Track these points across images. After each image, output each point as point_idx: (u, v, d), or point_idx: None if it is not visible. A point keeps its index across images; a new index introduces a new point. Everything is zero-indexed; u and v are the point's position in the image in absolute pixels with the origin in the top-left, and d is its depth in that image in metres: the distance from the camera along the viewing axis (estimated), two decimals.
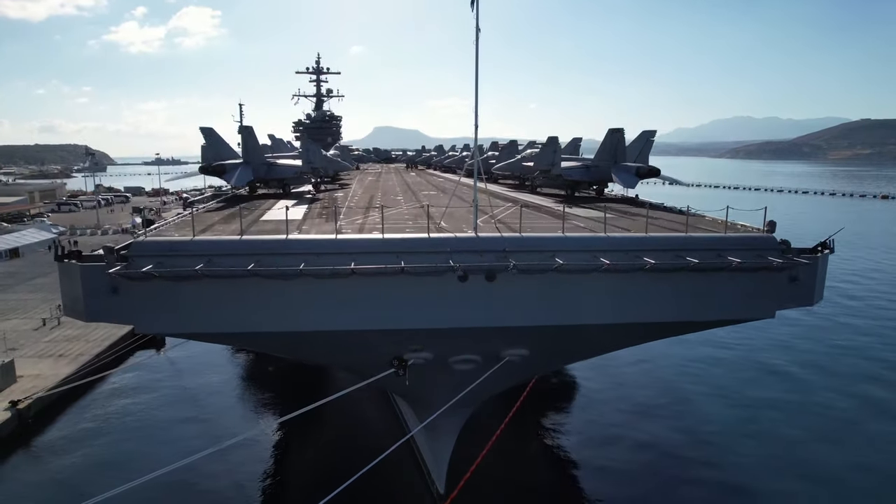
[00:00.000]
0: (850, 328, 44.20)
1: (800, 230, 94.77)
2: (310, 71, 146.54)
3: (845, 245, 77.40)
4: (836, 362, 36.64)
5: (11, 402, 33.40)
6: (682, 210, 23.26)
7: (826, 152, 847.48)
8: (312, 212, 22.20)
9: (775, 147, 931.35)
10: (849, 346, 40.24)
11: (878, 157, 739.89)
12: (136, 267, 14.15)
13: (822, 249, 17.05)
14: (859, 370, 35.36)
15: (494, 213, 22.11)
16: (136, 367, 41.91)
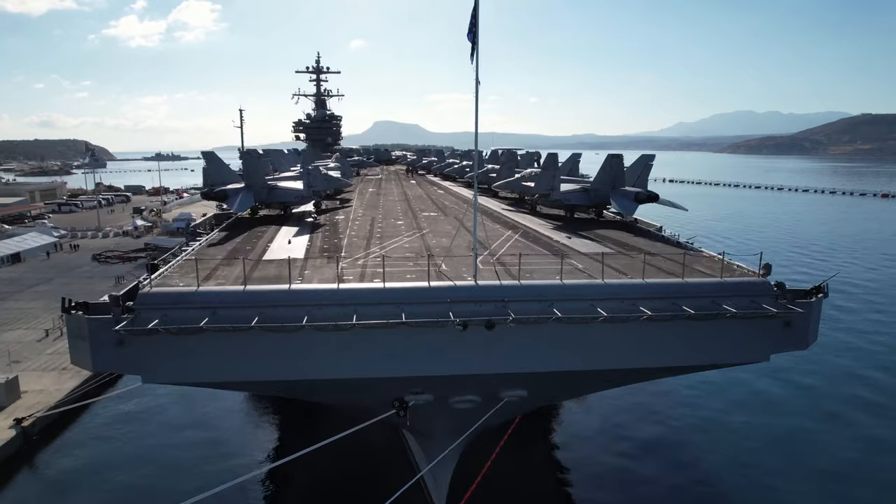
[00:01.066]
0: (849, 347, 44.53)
1: (800, 234, 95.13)
2: (310, 70, 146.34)
3: (844, 251, 77.77)
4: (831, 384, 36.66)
5: (16, 419, 33.70)
6: (680, 242, 23.47)
7: (827, 147, 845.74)
8: (314, 246, 22.41)
9: (776, 142, 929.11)
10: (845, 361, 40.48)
11: (879, 153, 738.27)
12: (143, 319, 14.42)
13: (817, 294, 17.32)
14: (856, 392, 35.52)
15: (494, 247, 22.33)
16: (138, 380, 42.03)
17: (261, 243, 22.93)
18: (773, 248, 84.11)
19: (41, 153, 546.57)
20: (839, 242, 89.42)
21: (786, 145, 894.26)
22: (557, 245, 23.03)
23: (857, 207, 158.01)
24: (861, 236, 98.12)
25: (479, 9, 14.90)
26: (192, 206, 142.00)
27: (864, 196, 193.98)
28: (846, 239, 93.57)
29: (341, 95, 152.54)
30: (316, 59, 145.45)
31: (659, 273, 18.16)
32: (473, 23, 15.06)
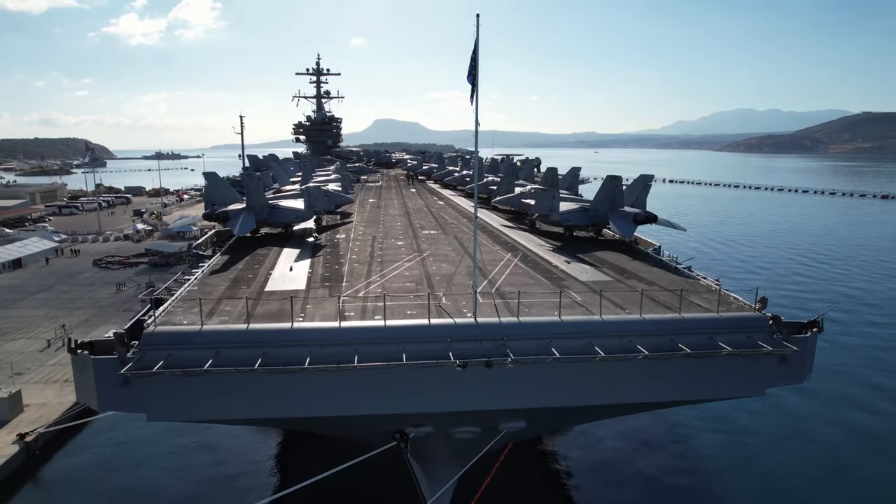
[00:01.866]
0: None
1: (800, 238, 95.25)
2: (310, 72, 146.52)
3: (842, 259, 77.93)
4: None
5: (19, 434, 33.91)
6: (678, 266, 23.68)
7: (827, 146, 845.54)
8: (315, 273, 22.56)
9: (776, 140, 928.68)
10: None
11: (879, 151, 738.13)
12: (148, 359, 14.64)
13: (812, 328, 17.53)
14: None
15: (493, 274, 22.53)
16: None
17: (262, 270, 23.08)
18: (770, 255, 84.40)
19: (41, 152, 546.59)
20: (837, 251, 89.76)
21: (786, 143, 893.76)
22: (556, 272, 23.17)
23: (857, 210, 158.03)
24: (860, 241, 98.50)
25: (478, 51, 15.08)
26: (192, 209, 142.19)
27: (863, 197, 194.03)
28: (845, 247, 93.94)
29: (341, 97, 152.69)
30: (316, 62, 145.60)
31: (656, 307, 18.35)
32: (473, 65, 15.25)
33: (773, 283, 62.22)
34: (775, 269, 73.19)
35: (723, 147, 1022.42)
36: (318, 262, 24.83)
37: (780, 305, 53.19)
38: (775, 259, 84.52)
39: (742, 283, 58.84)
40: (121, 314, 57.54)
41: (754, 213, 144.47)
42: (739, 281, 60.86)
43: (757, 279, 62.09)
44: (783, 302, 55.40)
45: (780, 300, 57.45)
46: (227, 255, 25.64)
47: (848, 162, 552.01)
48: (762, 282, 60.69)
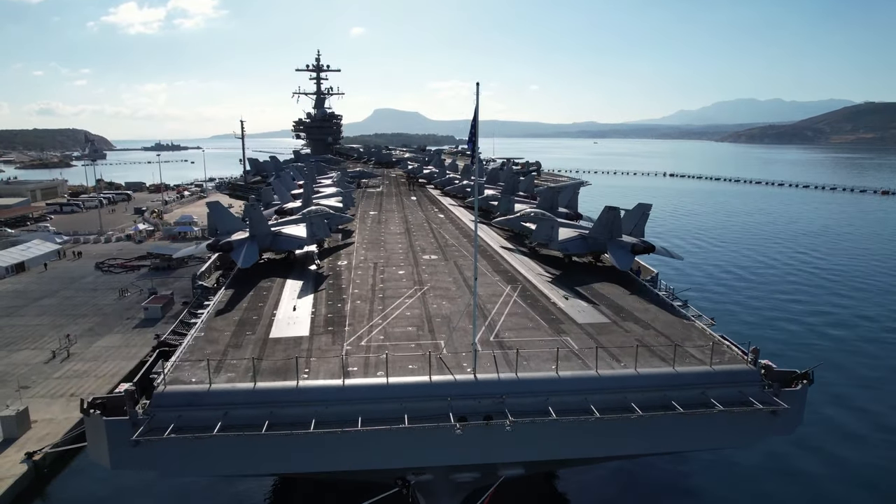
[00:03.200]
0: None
1: (799, 241, 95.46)
2: (310, 68, 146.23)
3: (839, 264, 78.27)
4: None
5: (27, 453, 34.50)
6: (674, 304, 24.12)
7: (829, 136, 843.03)
8: (318, 315, 22.95)
9: (778, 131, 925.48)
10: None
11: (881, 142, 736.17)
12: (158, 420, 15.14)
13: (802, 380, 18.00)
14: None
15: (493, 314, 22.97)
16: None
17: (266, 310, 23.46)
18: (766, 255, 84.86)
19: (40, 143, 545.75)
20: (835, 254, 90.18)
21: (787, 134, 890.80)
22: (554, 312, 23.56)
23: (857, 205, 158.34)
24: (859, 242, 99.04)
25: (478, 119, 15.46)
26: (193, 206, 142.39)
27: (864, 193, 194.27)
28: (842, 250, 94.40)
29: (341, 94, 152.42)
30: (316, 58, 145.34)
31: (651, 358, 18.83)
32: (473, 132, 15.64)
33: (768, 293, 62.72)
34: (772, 278, 73.69)
35: (724, 137, 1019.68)
36: (320, 298, 25.21)
37: (776, 319, 54.04)
38: (773, 249, 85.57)
39: (737, 296, 59.56)
40: (124, 322, 58.08)
41: (753, 211, 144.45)
42: (735, 291, 61.34)
43: (753, 292, 62.72)
44: (779, 315, 56.04)
45: (775, 305, 58.17)
46: (231, 290, 26.03)
47: (849, 154, 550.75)
48: (758, 293, 61.31)
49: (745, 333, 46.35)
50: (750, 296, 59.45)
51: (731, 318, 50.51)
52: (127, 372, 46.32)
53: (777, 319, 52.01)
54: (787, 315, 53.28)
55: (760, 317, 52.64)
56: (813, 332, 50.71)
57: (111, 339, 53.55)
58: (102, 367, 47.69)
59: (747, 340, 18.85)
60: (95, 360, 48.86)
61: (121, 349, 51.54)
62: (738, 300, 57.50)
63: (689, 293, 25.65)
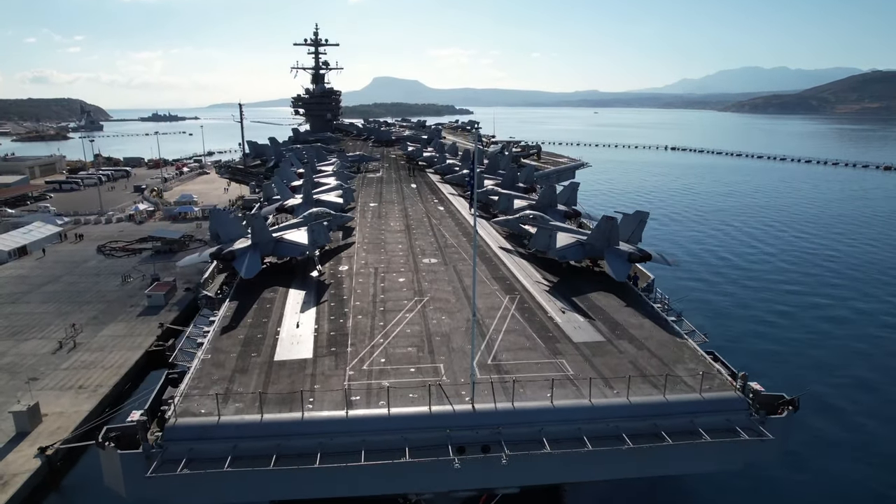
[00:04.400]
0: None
1: (794, 225, 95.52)
2: (308, 42, 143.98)
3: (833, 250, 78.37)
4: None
5: (40, 448, 35.57)
6: (668, 317, 24.73)
7: (834, 106, 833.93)
8: (321, 333, 23.50)
9: (782, 100, 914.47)
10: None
11: (887, 111, 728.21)
12: (170, 453, 15.92)
13: (788, 406, 18.72)
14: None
15: (491, 331, 23.57)
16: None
17: (270, 328, 24.00)
18: (762, 240, 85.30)
19: (36, 113, 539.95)
20: (831, 238, 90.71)
21: (792, 104, 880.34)
22: (551, 328, 24.11)
23: (859, 182, 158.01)
24: (856, 225, 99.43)
25: (476, 157, 15.77)
26: (192, 184, 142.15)
27: (866, 168, 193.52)
28: (838, 234, 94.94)
29: (340, 68, 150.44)
30: (314, 32, 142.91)
31: (643, 384, 19.52)
32: (472, 166, 15.96)
33: (763, 283, 63.27)
34: (766, 265, 74.26)
35: (727, 107, 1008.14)
36: (323, 311, 25.74)
37: (768, 301, 54.55)
38: (767, 252, 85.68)
39: (733, 286, 59.77)
40: (128, 309, 58.87)
41: (756, 185, 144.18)
42: (732, 282, 61.77)
43: (749, 282, 63.20)
44: (771, 297, 56.72)
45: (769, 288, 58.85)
46: (235, 302, 26.58)
47: (854, 125, 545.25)
48: (753, 284, 61.42)
49: (737, 329, 47.29)
50: (745, 286, 59.85)
51: (724, 314, 50.99)
52: (133, 363, 47.33)
53: (769, 312, 52.34)
54: (780, 306, 53.65)
55: (753, 308, 53.00)
56: (805, 324, 51.53)
57: (116, 328, 54.43)
58: (109, 357, 48.65)
59: (738, 366, 19.48)
60: (101, 351, 49.80)
61: (126, 338, 52.45)
62: (731, 292, 57.62)
63: (683, 280, 26.05)
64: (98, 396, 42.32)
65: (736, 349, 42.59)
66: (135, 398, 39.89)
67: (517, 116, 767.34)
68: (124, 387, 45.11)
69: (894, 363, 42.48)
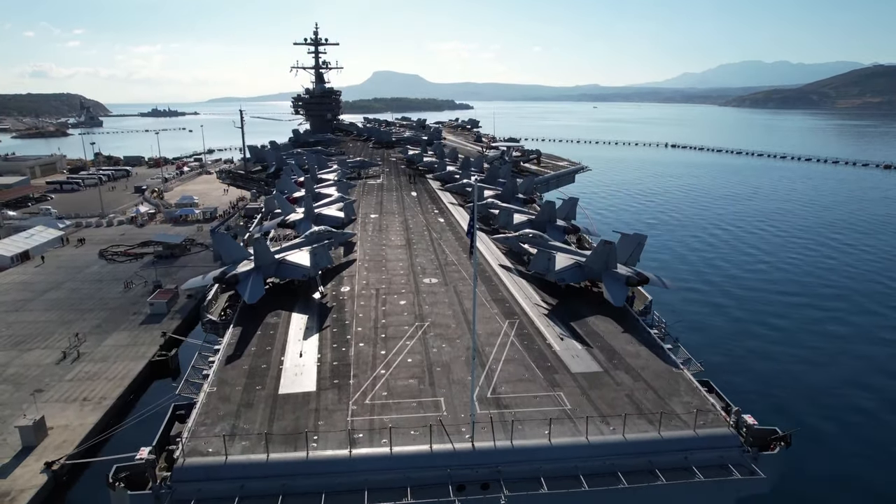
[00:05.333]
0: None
1: (790, 228, 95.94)
2: (308, 42, 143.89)
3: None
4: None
5: (46, 463, 36.13)
6: (665, 347, 25.18)
7: (835, 100, 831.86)
8: (324, 363, 23.93)
9: (783, 95, 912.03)
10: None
11: (888, 106, 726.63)
12: (180, 493, 16.42)
13: (781, 441, 19.18)
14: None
15: (490, 360, 24.01)
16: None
17: (274, 357, 24.39)
18: (757, 247, 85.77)
19: (35, 108, 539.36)
20: (827, 244, 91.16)
21: (793, 98, 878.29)
22: (550, 357, 24.52)
23: (859, 183, 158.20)
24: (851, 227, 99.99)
25: (475, 219, 16.18)
26: (193, 184, 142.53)
27: (866, 167, 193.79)
28: (835, 238, 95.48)
29: (340, 68, 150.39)
30: (314, 31, 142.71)
31: (639, 419, 19.99)
32: (472, 225, 16.37)
33: (759, 292, 63.69)
34: (762, 272, 74.69)
35: (728, 101, 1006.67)
36: (325, 338, 26.13)
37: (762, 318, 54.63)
38: (766, 239, 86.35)
39: (729, 299, 59.76)
40: (130, 317, 59.36)
41: (754, 192, 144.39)
42: (728, 294, 62.08)
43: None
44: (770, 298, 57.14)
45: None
46: (239, 328, 27.00)
47: (855, 121, 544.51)
48: (749, 291, 61.47)
49: (732, 345, 47.37)
50: (741, 297, 59.98)
51: (720, 329, 50.99)
52: (136, 373, 47.83)
53: (765, 325, 52.40)
54: (777, 320, 53.68)
55: (749, 322, 52.81)
56: (800, 332, 51.94)
57: (119, 337, 54.92)
58: (112, 367, 49.16)
59: (732, 388, 19.97)
60: (105, 361, 50.30)
61: (129, 348, 52.94)
62: (727, 304, 57.55)
63: (681, 292, 26.48)
64: (102, 409, 42.88)
65: (731, 366, 43.05)
66: (137, 415, 39.43)
67: (517, 112, 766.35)
68: (128, 398, 45.65)
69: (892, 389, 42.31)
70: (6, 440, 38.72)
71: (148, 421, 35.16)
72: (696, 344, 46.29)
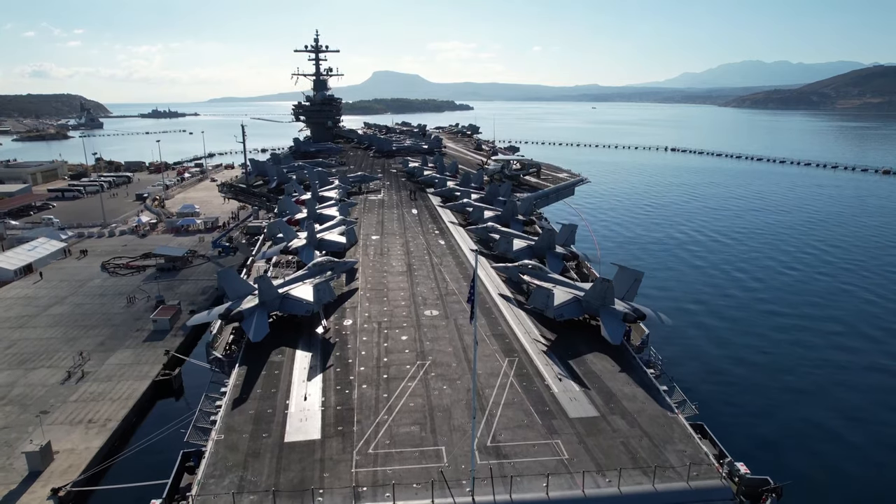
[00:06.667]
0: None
1: (788, 239, 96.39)
2: (308, 49, 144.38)
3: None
4: None
5: (53, 489, 36.74)
6: (661, 390, 25.76)
7: (835, 101, 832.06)
8: (328, 407, 24.48)
9: (783, 96, 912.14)
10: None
11: (888, 107, 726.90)
12: None
13: (772, 493, 19.78)
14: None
15: (490, 406, 24.57)
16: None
17: (279, 401, 24.93)
18: (756, 260, 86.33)
19: (35, 109, 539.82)
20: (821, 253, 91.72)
21: (793, 99, 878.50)
22: (548, 403, 25.06)
23: (857, 189, 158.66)
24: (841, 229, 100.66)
25: (476, 283, 16.70)
26: (194, 191, 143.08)
27: (865, 172, 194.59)
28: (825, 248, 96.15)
29: (340, 75, 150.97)
30: (315, 38, 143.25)
31: (634, 470, 20.59)
32: (472, 292, 16.95)
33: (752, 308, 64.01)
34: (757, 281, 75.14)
35: (728, 102, 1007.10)
36: (329, 379, 26.59)
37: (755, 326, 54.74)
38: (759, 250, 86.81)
39: (726, 322, 59.59)
40: (134, 334, 59.96)
41: (755, 206, 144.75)
42: (723, 317, 62.42)
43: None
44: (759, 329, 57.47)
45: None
46: (244, 367, 27.55)
47: (855, 122, 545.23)
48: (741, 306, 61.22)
49: (727, 378, 46.93)
50: (738, 320, 59.87)
51: (716, 360, 50.51)
52: (140, 394, 48.40)
53: (759, 353, 51.84)
54: (773, 352, 53.21)
55: (745, 352, 52.13)
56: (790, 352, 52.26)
57: (123, 355, 55.50)
58: (117, 388, 49.76)
59: (731, 427, 20.52)
60: (109, 381, 50.90)
61: (133, 367, 53.53)
62: (724, 330, 57.09)
63: (677, 312, 27.04)
64: (107, 431, 43.49)
65: (726, 396, 43.19)
66: (141, 442, 39.07)
67: (517, 113, 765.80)
68: (132, 420, 46.27)
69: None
70: (13, 465, 39.32)
71: (151, 450, 35.25)
72: (691, 371, 46.81)
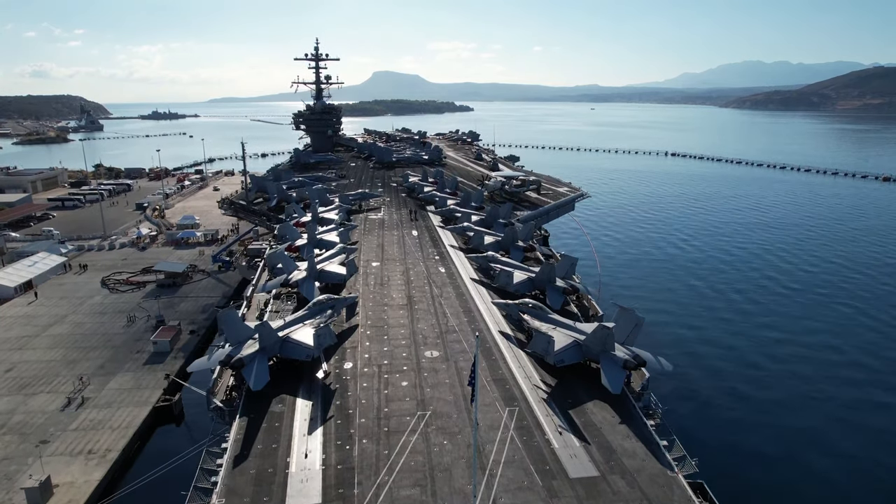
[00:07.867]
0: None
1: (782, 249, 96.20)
2: (308, 57, 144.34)
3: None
4: None
5: None
6: (661, 446, 25.81)
7: (835, 102, 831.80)
8: (329, 468, 24.26)
9: (783, 97, 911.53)
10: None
11: (889, 108, 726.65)
12: None
13: None
14: None
15: (490, 464, 24.57)
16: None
17: (280, 458, 24.93)
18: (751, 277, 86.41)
19: (35, 110, 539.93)
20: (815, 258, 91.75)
21: (793, 100, 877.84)
22: (549, 461, 25.03)
23: (859, 200, 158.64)
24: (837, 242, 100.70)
25: (477, 364, 16.71)
26: (194, 200, 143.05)
27: (865, 178, 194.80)
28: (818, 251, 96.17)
29: (340, 83, 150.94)
30: (315, 46, 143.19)
31: None
32: (473, 375, 16.95)
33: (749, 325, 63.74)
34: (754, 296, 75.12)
35: (728, 103, 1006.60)
36: (329, 432, 26.56)
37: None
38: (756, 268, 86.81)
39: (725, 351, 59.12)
40: (134, 356, 59.94)
41: (754, 219, 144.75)
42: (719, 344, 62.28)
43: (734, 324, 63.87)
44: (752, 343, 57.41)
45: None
46: (245, 418, 27.57)
47: (855, 124, 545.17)
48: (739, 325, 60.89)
49: (726, 416, 46.58)
50: (737, 348, 59.64)
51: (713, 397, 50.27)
52: (140, 421, 48.38)
53: (761, 387, 51.65)
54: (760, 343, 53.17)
55: (744, 388, 51.63)
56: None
57: (123, 380, 55.43)
58: (117, 415, 49.74)
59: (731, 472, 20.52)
60: (109, 407, 50.87)
61: (133, 392, 53.48)
62: (721, 359, 56.71)
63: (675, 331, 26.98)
64: (107, 463, 43.47)
65: (727, 450, 42.74)
66: (141, 479, 38.70)
67: (516, 114, 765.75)
68: (132, 449, 46.26)
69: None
70: (13, 501, 39.32)
71: (151, 484, 34.85)
72: (690, 411, 46.41)
